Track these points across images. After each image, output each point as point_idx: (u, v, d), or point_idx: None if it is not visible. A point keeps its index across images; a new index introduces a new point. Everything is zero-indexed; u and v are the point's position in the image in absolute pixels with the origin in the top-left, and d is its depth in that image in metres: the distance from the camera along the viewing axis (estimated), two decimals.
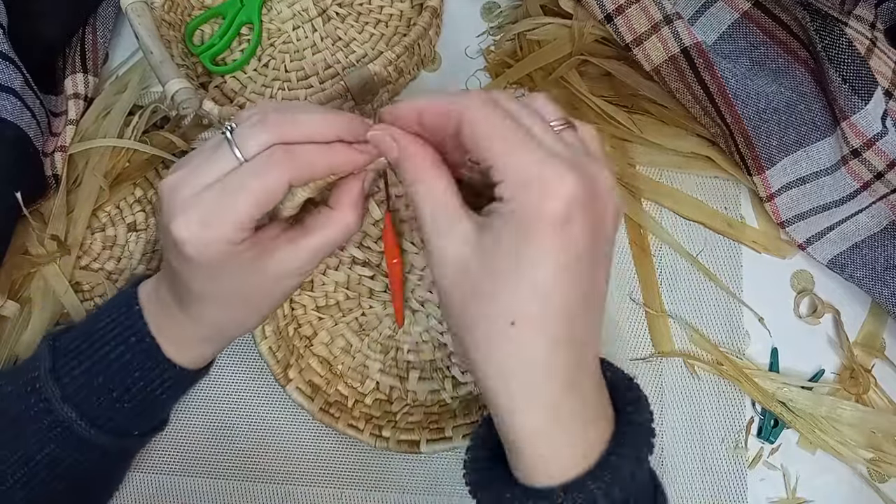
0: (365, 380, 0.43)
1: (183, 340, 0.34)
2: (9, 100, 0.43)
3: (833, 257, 0.43)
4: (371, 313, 0.44)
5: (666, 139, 0.46)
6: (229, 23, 0.51)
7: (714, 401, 0.42)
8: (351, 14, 0.51)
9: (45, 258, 0.46)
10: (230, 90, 0.50)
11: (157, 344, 0.34)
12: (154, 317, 0.34)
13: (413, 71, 0.49)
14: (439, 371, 0.43)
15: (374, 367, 0.43)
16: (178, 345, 0.34)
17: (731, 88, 0.41)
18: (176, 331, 0.34)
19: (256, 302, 0.33)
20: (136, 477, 0.44)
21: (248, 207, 0.28)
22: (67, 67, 0.50)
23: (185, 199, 0.29)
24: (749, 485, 0.41)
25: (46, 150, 0.48)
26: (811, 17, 0.40)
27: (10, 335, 0.45)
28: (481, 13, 0.51)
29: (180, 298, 0.33)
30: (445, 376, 0.43)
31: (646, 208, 0.46)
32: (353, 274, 0.45)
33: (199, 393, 0.45)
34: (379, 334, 0.44)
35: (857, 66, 0.38)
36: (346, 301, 0.44)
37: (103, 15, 0.52)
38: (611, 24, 0.43)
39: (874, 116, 0.39)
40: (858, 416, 0.40)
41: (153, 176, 0.49)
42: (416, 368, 0.43)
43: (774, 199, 0.43)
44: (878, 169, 0.40)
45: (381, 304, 0.44)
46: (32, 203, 0.47)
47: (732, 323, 0.43)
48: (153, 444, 0.44)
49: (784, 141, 0.42)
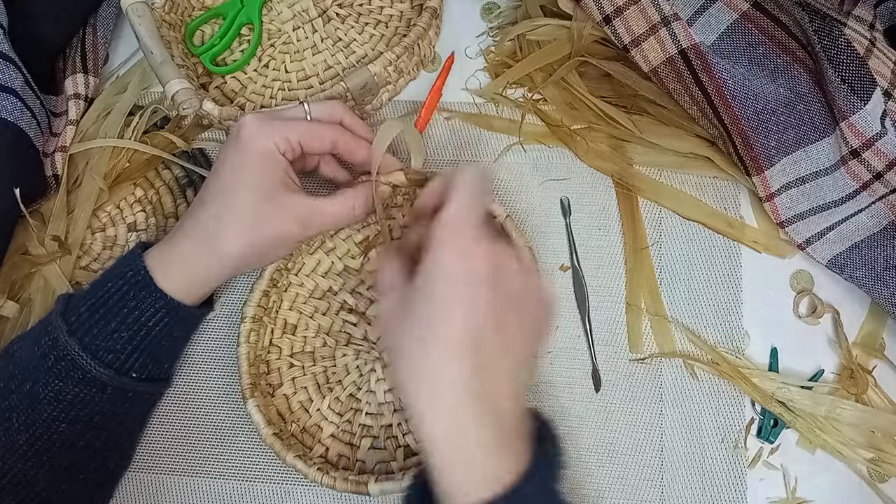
0: (315, 444, 0.42)
1: (179, 263, 0.38)
2: (9, 100, 0.43)
3: (832, 257, 0.43)
4: (341, 364, 0.44)
5: (665, 139, 0.46)
6: (229, 23, 0.51)
7: (714, 401, 0.42)
8: (351, 15, 0.51)
9: (45, 258, 0.46)
10: (230, 90, 0.50)
11: (151, 276, 0.38)
12: (158, 251, 0.39)
13: (413, 71, 0.49)
14: (393, 439, 0.42)
15: (326, 431, 0.42)
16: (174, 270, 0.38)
17: (729, 89, 0.41)
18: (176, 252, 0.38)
19: (261, 221, 0.38)
20: (136, 477, 0.44)
21: (302, 132, 0.39)
22: (68, 68, 0.51)
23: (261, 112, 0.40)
24: (749, 485, 0.41)
25: (47, 150, 0.48)
26: (810, 17, 0.40)
27: (10, 335, 0.45)
28: (481, 14, 0.51)
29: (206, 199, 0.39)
30: (398, 445, 0.42)
31: (646, 208, 0.46)
32: (338, 321, 0.45)
33: (199, 392, 0.45)
34: (342, 390, 0.43)
35: (856, 66, 0.39)
36: (321, 348, 0.44)
37: (104, 15, 0.52)
38: (609, 25, 0.43)
39: (873, 117, 0.39)
40: (858, 416, 0.40)
41: (153, 176, 0.49)
42: (370, 436, 0.42)
43: (774, 199, 0.43)
44: (878, 169, 0.40)
45: (354, 353, 0.44)
46: (33, 203, 0.47)
47: (732, 323, 0.43)
48: (153, 444, 0.44)
49: (783, 141, 0.42)
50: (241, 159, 0.38)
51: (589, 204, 0.46)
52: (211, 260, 0.38)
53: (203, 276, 0.39)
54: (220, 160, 0.39)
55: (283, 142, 0.38)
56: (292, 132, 0.38)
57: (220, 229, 0.38)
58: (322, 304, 0.45)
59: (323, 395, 0.43)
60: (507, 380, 0.32)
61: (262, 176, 0.38)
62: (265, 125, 0.38)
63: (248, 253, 0.39)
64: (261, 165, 0.38)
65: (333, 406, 0.43)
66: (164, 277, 0.38)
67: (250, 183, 0.38)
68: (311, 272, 0.45)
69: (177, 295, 0.38)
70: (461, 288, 0.31)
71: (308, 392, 0.43)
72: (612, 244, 0.45)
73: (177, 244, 0.39)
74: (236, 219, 0.38)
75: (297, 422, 0.43)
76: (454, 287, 0.31)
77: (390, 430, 0.42)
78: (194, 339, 0.45)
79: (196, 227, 0.39)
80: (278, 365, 0.44)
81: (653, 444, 0.42)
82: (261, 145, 0.38)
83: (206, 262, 0.38)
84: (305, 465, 0.39)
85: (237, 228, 0.38)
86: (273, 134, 0.38)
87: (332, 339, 0.44)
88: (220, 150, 0.40)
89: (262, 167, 0.38)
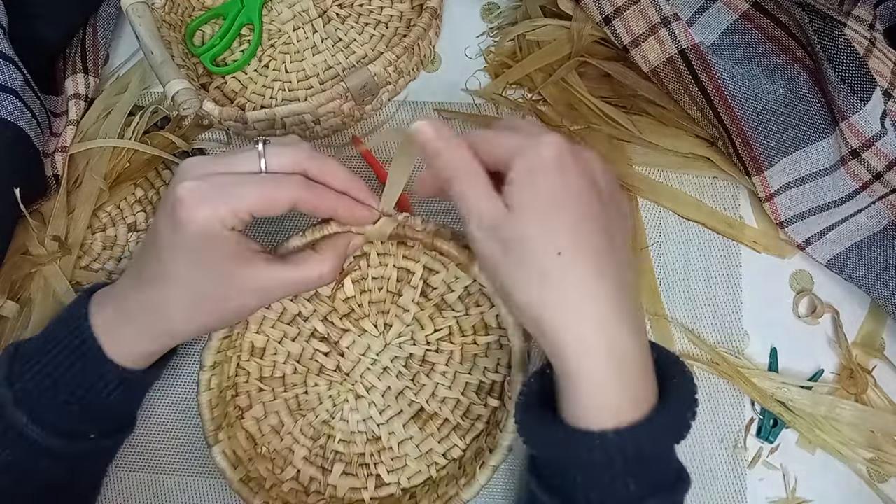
0: (287, 466, 0.41)
1: (130, 336, 0.35)
2: (9, 100, 0.43)
3: (832, 257, 0.43)
4: (313, 392, 0.42)
5: (665, 139, 0.46)
6: (230, 23, 0.51)
7: (713, 401, 0.42)
8: (351, 15, 0.51)
9: (45, 258, 0.46)
10: (231, 91, 0.50)
11: (100, 345, 0.34)
12: (104, 314, 0.35)
13: (413, 72, 0.49)
14: (365, 467, 0.41)
15: (298, 454, 0.42)
16: (124, 342, 0.35)
17: (729, 90, 0.41)
18: (124, 326, 0.35)
19: (213, 302, 0.34)
20: (136, 477, 0.44)
21: (251, 203, 0.32)
22: (68, 68, 0.51)
23: (200, 174, 0.32)
24: (748, 485, 0.41)
25: (47, 150, 0.48)
26: (810, 17, 0.40)
27: (10, 335, 0.45)
28: (481, 14, 0.51)
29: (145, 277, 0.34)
30: (370, 474, 0.41)
31: (645, 208, 0.46)
32: (309, 348, 0.43)
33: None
34: (315, 417, 0.42)
35: (855, 66, 0.39)
36: (292, 375, 0.43)
37: (104, 15, 0.52)
38: (609, 25, 0.43)
39: (873, 117, 0.39)
40: (858, 416, 0.40)
41: (153, 176, 0.49)
42: (342, 462, 0.41)
43: (773, 200, 0.43)
44: (878, 169, 0.40)
45: (327, 383, 0.42)
46: (33, 203, 0.47)
47: (732, 323, 0.43)
48: (153, 444, 0.44)
49: (783, 141, 0.42)
50: (179, 241, 0.32)
51: None
52: (162, 339, 0.36)
53: (156, 352, 0.36)
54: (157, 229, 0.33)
55: (231, 216, 0.32)
56: (241, 203, 0.32)
57: (166, 313, 0.34)
58: (291, 330, 0.43)
59: (295, 420, 0.42)
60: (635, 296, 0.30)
61: (208, 257, 0.33)
62: (206, 199, 0.31)
63: (201, 329, 0.36)
64: (203, 247, 0.32)
65: (305, 431, 0.42)
66: (112, 348, 0.34)
67: (194, 266, 0.33)
68: None
69: (128, 364, 0.35)
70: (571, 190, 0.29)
71: (279, 416, 0.42)
72: None
73: (123, 320, 0.35)
74: (183, 304, 0.34)
75: (268, 445, 0.42)
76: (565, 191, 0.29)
77: (362, 457, 0.42)
78: (194, 342, 0.45)
79: (140, 308, 0.34)
80: (247, 388, 0.42)
81: None
82: (201, 226, 0.31)
83: (157, 342, 0.35)
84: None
85: (185, 313, 0.34)
86: (216, 209, 0.31)
87: (302, 367, 0.43)
88: (156, 216, 0.33)
89: (207, 248, 0.32)
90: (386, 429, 0.42)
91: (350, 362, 0.42)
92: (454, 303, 0.42)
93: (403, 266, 0.43)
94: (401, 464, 0.41)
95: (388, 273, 0.43)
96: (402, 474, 0.41)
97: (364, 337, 0.43)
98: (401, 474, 0.41)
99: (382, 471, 0.41)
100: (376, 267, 0.43)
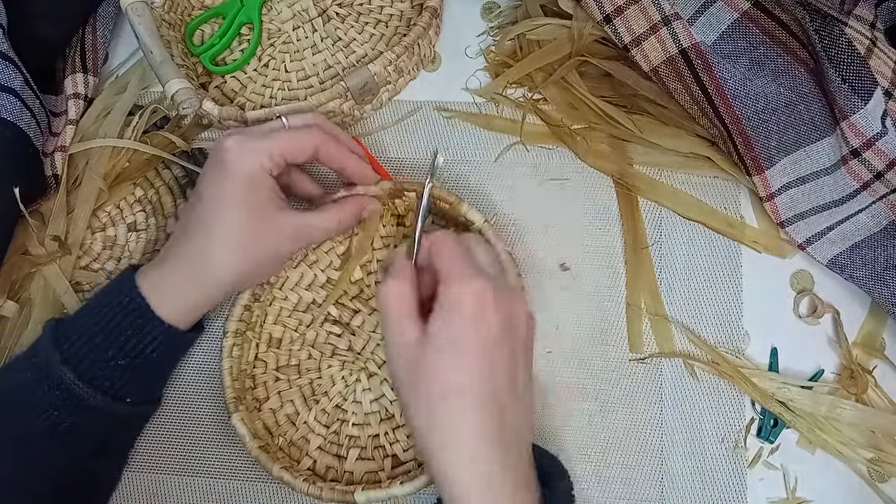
0: (303, 457, 0.42)
1: (174, 288, 0.38)
2: (9, 100, 0.43)
3: (833, 257, 0.43)
4: (326, 375, 0.44)
5: (665, 139, 0.46)
6: (229, 23, 0.51)
7: (714, 401, 0.42)
8: (351, 14, 0.51)
9: (45, 258, 0.46)
10: (230, 90, 0.50)
11: (147, 302, 0.37)
12: (149, 277, 0.38)
13: (413, 71, 0.49)
14: (380, 449, 0.42)
15: (314, 443, 0.42)
16: (169, 295, 0.38)
17: (730, 89, 0.41)
18: (169, 279, 0.38)
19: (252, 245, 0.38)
20: (136, 477, 0.44)
21: (284, 146, 0.38)
22: (67, 67, 0.51)
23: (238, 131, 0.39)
24: (749, 485, 0.41)
25: (46, 150, 0.48)
26: (811, 16, 0.40)
27: (10, 335, 0.45)
28: (481, 13, 0.51)
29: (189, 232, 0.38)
30: (386, 455, 0.42)
31: (646, 208, 0.46)
32: (323, 333, 0.44)
33: (201, 392, 0.45)
34: (329, 401, 0.43)
35: (856, 65, 0.38)
36: (306, 361, 0.44)
37: (103, 15, 0.52)
38: (609, 25, 0.43)
39: (874, 116, 0.39)
40: (858, 416, 0.40)
41: (153, 176, 0.49)
42: (357, 447, 0.42)
43: (774, 199, 0.43)
44: (878, 169, 0.40)
45: (340, 364, 0.44)
46: (32, 203, 0.47)
47: (732, 323, 0.43)
48: (153, 443, 0.44)
49: (783, 141, 0.42)
50: (227, 185, 0.37)
51: (589, 204, 0.46)
52: (206, 288, 0.38)
53: (200, 303, 0.39)
54: (204, 185, 0.38)
55: (268, 159, 0.37)
56: (275, 146, 0.38)
57: (211, 258, 0.38)
58: (306, 317, 0.45)
59: (309, 408, 0.43)
60: (522, 416, 0.33)
61: (251, 198, 0.37)
62: (247, 145, 0.37)
63: (242, 274, 0.39)
64: (249, 188, 0.37)
65: (320, 418, 0.43)
66: (159, 304, 0.37)
67: (240, 207, 0.37)
68: (294, 285, 0.45)
69: (173, 321, 0.38)
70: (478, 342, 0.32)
71: (294, 405, 0.43)
72: (612, 244, 0.45)
73: (168, 273, 0.38)
74: (227, 245, 0.37)
75: (284, 435, 0.43)
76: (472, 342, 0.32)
77: (377, 439, 0.42)
78: (196, 345, 0.45)
79: (185, 258, 0.38)
80: (264, 379, 0.44)
81: (653, 444, 0.42)
82: (246, 168, 0.37)
83: (201, 290, 0.38)
84: (292, 476, 0.39)
85: (229, 255, 0.38)
86: (257, 153, 0.37)
87: (316, 352, 0.44)
88: (203, 174, 0.39)
89: (251, 189, 0.37)
90: (398, 405, 0.42)
91: (361, 340, 0.44)
92: None
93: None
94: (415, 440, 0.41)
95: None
96: (417, 449, 0.41)
97: (374, 315, 0.44)
98: (416, 450, 0.41)
99: (398, 450, 0.42)
100: (379, 249, 0.46)
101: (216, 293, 0.39)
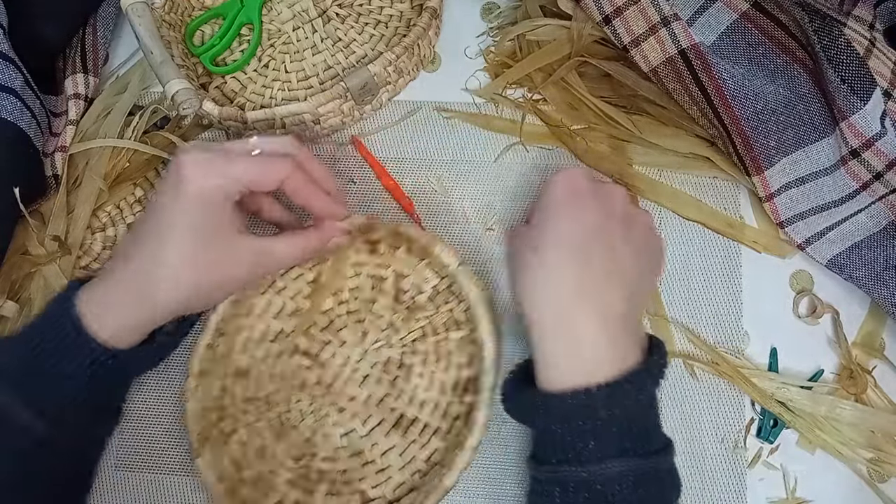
0: (269, 491, 0.40)
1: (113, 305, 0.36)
2: (9, 100, 0.43)
3: (832, 257, 0.43)
4: (296, 409, 0.42)
5: (665, 139, 0.46)
6: (229, 23, 0.51)
7: (713, 401, 0.42)
8: (351, 15, 0.51)
9: (45, 258, 0.46)
10: (230, 91, 0.50)
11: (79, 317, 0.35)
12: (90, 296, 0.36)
13: (413, 71, 0.49)
14: (349, 485, 0.41)
15: (282, 478, 0.41)
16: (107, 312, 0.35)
17: (729, 90, 0.41)
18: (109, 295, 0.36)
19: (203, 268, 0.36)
20: (136, 477, 0.44)
21: (250, 175, 0.35)
22: (68, 68, 0.51)
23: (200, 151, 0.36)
24: (748, 485, 0.41)
25: (46, 150, 0.48)
26: (810, 17, 0.40)
27: (9, 335, 0.45)
28: (481, 14, 0.51)
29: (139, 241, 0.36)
30: (355, 491, 0.40)
31: (646, 208, 0.46)
32: (291, 364, 0.43)
33: None
34: (298, 435, 0.42)
35: (855, 66, 0.39)
36: (275, 394, 0.42)
37: (103, 15, 0.52)
38: (609, 25, 0.43)
39: (873, 117, 0.39)
40: (858, 416, 0.40)
41: (153, 176, 0.49)
42: (326, 481, 0.41)
43: (773, 200, 0.43)
44: (878, 169, 0.40)
45: (309, 398, 0.42)
46: (32, 203, 0.47)
47: (732, 323, 0.43)
48: (153, 443, 0.44)
49: (783, 141, 0.42)
50: (183, 202, 0.35)
51: None
52: (150, 307, 0.36)
53: (143, 320, 0.37)
54: (158, 198, 0.36)
55: (230, 184, 0.35)
56: (239, 173, 0.35)
57: (156, 277, 0.35)
58: (274, 348, 0.43)
59: (278, 441, 0.42)
60: (616, 288, 0.34)
61: (206, 220, 0.35)
62: (207, 163, 0.35)
63: (189, 297, 0.37)
64: (202, 209, 0.35)
65: (289, 452, 0.41)
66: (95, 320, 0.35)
67: (189, 227, 0.35)
68: (262, 313, 0.44)
69: (111, 339, 0.35)
70: (567, 203, 0.36)
71: (263, 439, 0.42)
72: None
73: (109, 289, 0.36)
74: (174, 265, 0.35)
75: (252, 468, 0.41)
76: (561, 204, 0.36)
77: (346, 474, 0.41)
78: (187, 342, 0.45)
79: (131, 273, 0.36)
80: (232, 411, 0.42)
81: None
82: (202, 187, 0.35)
83: (144, 309, 0.36)
84: None
85: (176, 275, 0.35)
86: (218, 177, 0.35)
87: (286, 384, 0.43)
88: (160, 185, 0.37)
89: (207, 211, 0.35)
90: (368, 440, 0.41)
91: (331, 373, 0.43)
92: (425, 303, 0.43)
93: (375, 274, 0.44)
94: (385, 476, 0.41)
95: (363, 282, 0.44)
96: (386, 487, 0.40)
97: (344, 347, 0.43)
98: (385, 487, 0.40)
99: (367, 486, 0.40)
100: (351, 277, 0.44)
101: (161, 313, 0.37)
